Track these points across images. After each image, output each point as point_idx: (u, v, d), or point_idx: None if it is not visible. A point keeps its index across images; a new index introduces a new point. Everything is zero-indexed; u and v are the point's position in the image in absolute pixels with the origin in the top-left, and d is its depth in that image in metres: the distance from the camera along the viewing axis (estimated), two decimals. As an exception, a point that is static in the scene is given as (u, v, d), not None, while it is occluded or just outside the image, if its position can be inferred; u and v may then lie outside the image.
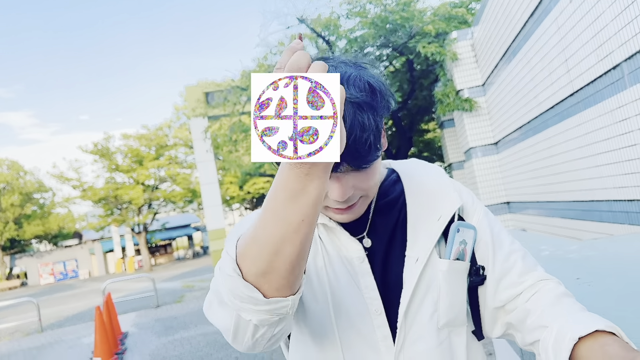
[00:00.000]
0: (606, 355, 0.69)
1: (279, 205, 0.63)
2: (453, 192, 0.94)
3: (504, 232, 0.96)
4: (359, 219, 0.93)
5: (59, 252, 36.32)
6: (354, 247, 0.90)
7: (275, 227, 0.64)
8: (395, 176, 1.01)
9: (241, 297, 0.68)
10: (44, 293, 24.02)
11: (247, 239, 0.68)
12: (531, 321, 0.85)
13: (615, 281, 1.35)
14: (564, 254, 1.89)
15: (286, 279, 0.67)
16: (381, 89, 0.83)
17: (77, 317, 12.29)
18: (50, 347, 8.57)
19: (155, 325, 8.93)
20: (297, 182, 0.61)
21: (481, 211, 0.96)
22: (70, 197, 29.48)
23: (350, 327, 0.88)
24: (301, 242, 0.65)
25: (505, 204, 9.44)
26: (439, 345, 0.87)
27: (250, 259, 0.67)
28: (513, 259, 0.92)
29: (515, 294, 0.89)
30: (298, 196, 0.62)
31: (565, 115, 5.90)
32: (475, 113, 9.47)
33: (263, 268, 0.66)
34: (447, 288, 0.88)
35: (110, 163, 27.91)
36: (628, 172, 4.68)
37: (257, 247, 0.66)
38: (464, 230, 0.90)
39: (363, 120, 0.78)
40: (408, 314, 0.87)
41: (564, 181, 6.41)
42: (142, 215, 28.80)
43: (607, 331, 0.73)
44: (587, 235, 5.88)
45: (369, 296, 0.88)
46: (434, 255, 0.90)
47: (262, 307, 0.68)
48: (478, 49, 9.32)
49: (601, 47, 4.68)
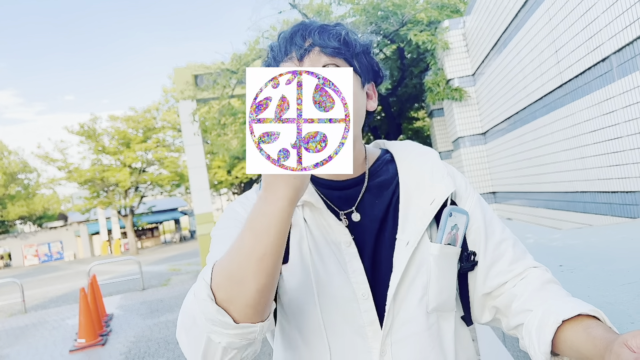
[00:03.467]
0: (589, 337, 0.70)
1: (246, 236, 0.69)
2: (447, 177, 0.93)
3: (496, 220, 0.96)
4: (350, 197, 0.92)
5: (44, 233, 35.96)
6: (340, 231, 0.89)
7: (240, 260, 0.70)
8: (389, 157, 0.99)
9: (213, 321, 0.71)
10: (28, 274, 23.83)
11: (219, 267, 0.73)
12: (516, 305, 0.86)
13: (597, 269, 1.37)
14: (547, 242, 1.92)
15: (253, 307, 0.71)
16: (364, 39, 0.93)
17: (62, 299, 12.23)
18: (34, 327, 8.54)
19: (140, 308, 8.93)
20: (263, 217, 0.68)
21: (474, 197, 0.96)
22: (56, 178, 29.15)
23: (336, 312, 0.86)
24: (266, 276, 0.70)
25: (491, 193, 9.53)
26: (427, 329, 0.87)
27: (221, 286, 0.71)
28: (504, 246, 0.92)
29: (504, 281, 0.90)
30: (263, 234, 0.68)
31: (554, 106, 5.95)
32: (465, 103, 9.50)
33: (231, 296, 0.71)
34: (437, 272, 0.87)
35: (97, 145, 27.55)
36: (612, 165, 4.74)
37: (226, 277, 0.71)
38: (457, 215, 0.90)
39: (339, 26, 0.89)
40: (397, 298, 0.86)
41: (549, 172, 6.48)
42: (128, 198, 28.57)
43: (590, 315, 0.74)
44: (570, 226, 5.97)
45: (356, 280, 0.86)
46: (425, 239, 0.89)
47: (232, 331, 0.71)
48: (469, 38, 9.31)
49: (591, 39, 4.71)
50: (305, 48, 0.86)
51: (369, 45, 0.93)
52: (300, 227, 0.90)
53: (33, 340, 7.46)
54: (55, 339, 7.25)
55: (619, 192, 4.74)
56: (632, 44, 4.06)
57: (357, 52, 0.89)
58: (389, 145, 1.03)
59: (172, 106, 26.12)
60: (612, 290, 1.13)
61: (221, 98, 13.31)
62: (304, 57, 0.86)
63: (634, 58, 4.06)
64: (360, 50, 0.90)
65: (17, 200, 34.21)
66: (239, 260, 0.70)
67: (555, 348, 0.76)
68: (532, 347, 0.79)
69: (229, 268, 0.71)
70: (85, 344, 6.39)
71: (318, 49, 0.86)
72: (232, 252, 0.72)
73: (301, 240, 0.90)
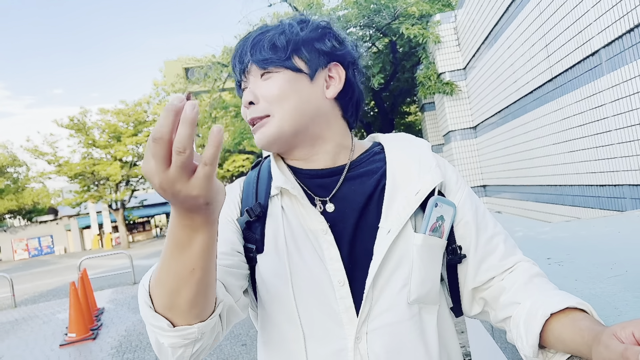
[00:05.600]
0: (577, 329, 0.71)
1: (168, 255, 0.68)
2: (435, 168, 0.92)
3: (488, 214, 0.95)
4: (327, 185, 0.92)
5: (34, 227, 35.69)
6: (316, 219, 0.88)
7: (169, 274, 0.69)
8: (379, 148, 0.99)
9: (153, 325, 0.73)
10: (18, 269, 23.65)
11: (154, 276, 0.72)
12: (504, 298, 0.87)
13: (585, 262, 1.39)
14: (536, 235, 1.94)
15: (189, 312, 0.72)
16: (315, 27, 0.93)
17: (52, 293, 12.16)
18: (24, 322, 8.49)
19: (131, 302, 8.90)
20: (182, 232, 0.65)
21: (465, 191, 0.94)
22: (45, 172, 28.84)
23: (311, 299, 0.87)
24: (197, 284, 0.69)
25: (481, 187, 9.59)
26: (409, 319, 0.87)
27: (156, 294, 0.72)
28: (495, 241, 0.92)
29: (494, 275, 0.90)
30: (185, 248, 0.66)
31: (543, 100, 5.98)
32: (456, 97, 9.53)
33: (166, 304, 0.71)
34: (420, 263, 0.86)
35: (87, 138, 27.32)
36: (601, 158, 4.79)
37: (159, 286, 0.71)
38: (443, 205, 0.89)
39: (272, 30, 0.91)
40: (376, 286, 0.86)
41: (538, 166, 6.53)
42: (119, 192, 28.40)
43: (578, 308, 0.75)
44: (559, 219, 6.03)
45: (332, 267, 0.86)
46: (408, 229, 0.88)
47: (170, 333, 0.72)
48: (461, 32, 9.33)
49: (581, 33, 4.73)
50: (245, 64, 0.92)
51: (319, 29, 0.93)
52: (277, 216, 0.90)
53: (23, 334, 7.41)
54: (46, 334, 7.21)
55: (607, 186, 4.78)
56: (621, 39, 4.09)
57: (297, 47, 0.89)
58: (381, 137, 1.02)
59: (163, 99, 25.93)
60: (599, 282, 1.14)
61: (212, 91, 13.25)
62: (245, 74, 0.93)
63: (623, 52, 4.09)
64: (301, 43, 0.90)
65: (6, 194, 33.88)
66: (167, 273, 0.69)
67: (542, 341, 0.77)
68: (520, 340, 0.79)
69: (162, 280, 0.70)
70: (76, 338, 6.36)
71: (254, 64, 0.91)
72: (160, 264, 0.71)
73: (277, 228, 0.89)
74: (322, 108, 0.92)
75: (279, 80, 0.88)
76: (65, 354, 5.89)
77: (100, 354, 5.67)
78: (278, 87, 0.87)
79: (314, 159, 0.94)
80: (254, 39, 0.91)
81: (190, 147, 0.56)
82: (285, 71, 0.88)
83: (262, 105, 0.89)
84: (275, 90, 0.87)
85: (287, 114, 0.87)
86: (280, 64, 0.88)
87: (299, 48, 0.89)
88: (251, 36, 0.92)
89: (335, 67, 0.93)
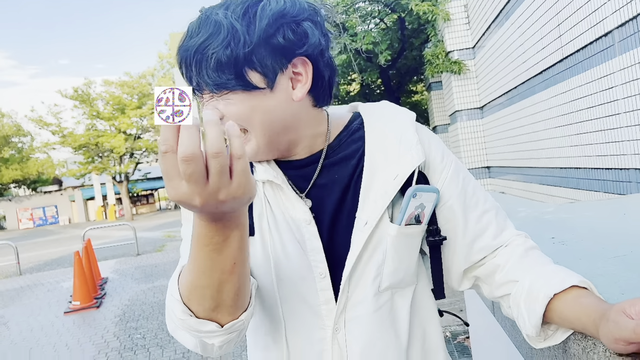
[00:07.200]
0: (581, 307, 0.70)
1: (206, 257, 0.65)
2: (416, 146, 0.85)
3: (478, 190, 0.90)
4: (307, 175, 0.87)
5: (38, 197, 35.98)
6: (300, 209, 0.85)
7: (210, 275, 0.67)
8: (358, 123, 0.91)
9: (198, 331, 0.72)
10: (23, 237, 23.93)
11: (188, 284, 0.71)
12: (500, 276, 0.85)
13: (589, 242, 1.38)
14: (540, 215, 1.93)
15: (234, 306, 0.72)
16: (265, 22, 0.75)
17: (57, 262, 12.33)
18: (29, 289, 8.62)
19: (135, 273, 9.02)
20: (218, 235, 0.63)
21: (450, 169, 0.88)
22: (50, 143, 28.91)
23: (293, 290, 0.86)
24: (239, 277, 0.69)
25: (485, 168, 9.56)
26: (377, 310, 0.85)
27: (195, 301, 0.71)
28: (487, 219, 0.88)
29: (487, 254, 0.88)
30: (222, 247, 0.64)
31: (553, 81, 5.90)
32: (464, 76, 9.41)
33: (211, 305, 0.70)
34: (393, 253, 0.84)
35: (91, 110, 27.28)
36: (608, 141, 4.75)
37: (199, 291, 0.69)
38: (423, 194, 0.83)
39: (212, 39, 0.74)
40: (352, 278, 0.84)
41: (544, 148, 6.49)
42: (123, 164, 28.48)
43: (579, 286, 0.74)
44: (563, 202, 6.02)
45: (315, 259, 0.84)
46: (384, 218, 0.84)
47: (221, 332, 0.73)
48: (471, 10, 9.16)
49: (594, 12, 4.64)
50: (194, 83, 0.79)
51: (271, 19, 0.75)
52: (261, 202, 0.87)
53: (28, 301, 7.54)
54: (50, 301, 7.33)
55: (613, 169, 4.76)
56: (636, 19, 4.00)
57: (247, 58, 0.75)
58: (362, 108, 0.94)
59: (167, 72, 25.78)
60: (602, 262, 1.14)
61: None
62: (200, 90, 0.80)
63: (637, 33, 4.01)
64: (250, 53, 0.75)
65: (11, 164, 34.07)
66: (207, 275, 0.68)
67: (545, 318, 0.76)
68: (522, 319, 0.79)
69: (202, 284, 0.69)
70: (80, 306, 6.47)
71: None
72: (196, 268, 0.68)
73: (261, 216, 0.86)
74: (291, 112, 0.81)
75: (236, 102, 0.77)
76: (69, 321, 6.00)
77: (104, 322, 5.77)
78: (237, 110, 0.77)
79: (292, 154, 0.88)
80: (196, 54, 0.76)
81: (224, 146, 0.54)
82: (239, 92, 0.76)
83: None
84: (235, 112, 0.77)
85: (259, 131, 0.80)
86: (231, 87, 0.76)
87: (249, 59, 0.75)
88: (191, 46, 0.76)
89: (299, 62, 0.79)
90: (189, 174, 0.53)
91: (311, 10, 0.80)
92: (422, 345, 0.91)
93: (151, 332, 5.17)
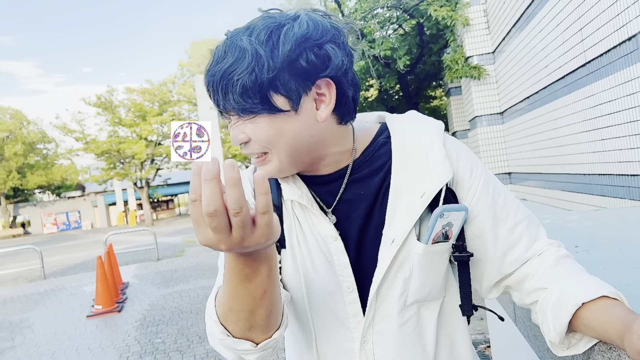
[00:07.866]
0: (609, 317, 0.69)
1: (239, 286, 0.70)
2: (444, 162, 0.83)
3: (509, 201, 0.88)
4: (333, 191, 0.89)
5: (62, 203, 36.69)
6: (326, 225, 0.87)
7: (242, 301, 0.72)
8: (385, 137, 0.91)
9: (236, 350, 0.78)
10: (47, 242, 24.41)
11: (223, 306, 0.76)
12: (530, 284, 0.84)
13: (614, 250, 1.36)
14: (563, 222, 1.90)
15: (267, 326, 0.76)
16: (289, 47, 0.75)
17: (80, 266, 12.54)
18: (53, 293, 8.78)
19: (155, 277, 9.11)
20: (247, 267, 0.67)
21: (480, 182, 0.86)
22: (73, 149, 29.52)
23: (322, 303, 0.89)
24: (270, 302, 0.73)
25: (506, 174, 9.44)
26: (403, 324, 0.87)
27: (231, 322, 0.76)
28: (518, 231, 0.87)
29: (519, 266, 0.87)
30: (252, 278, 0.68)
31: (575, 86, 5.81)
32: (483, 81, 9.33)
33: (245, 326, 0.75)
34: (419, 270, 0.85)
35: (114, 117, 27.79)
36: (632, 147, 4.65)
37: (234, 314, 0.74)
38: (450, 214, 0.81)
39: (237, 65, 0.75)
40: (379, 293, 0.86)
41: (566, 154, 6.38)
42: (144, 170, 28.90)
43: (609, 297, 0.72)
44: (586, 209, 5.90)
45: (342, 274, 0.86)
46: (411, 236, 0.84)
47: (256, 349, 0.78)
48: (490, 14, 9.09)
49: (618, 16, 4.56)
50: (221, 107, 0.81)
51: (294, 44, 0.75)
52: (291, 219, 0.90)
53: (52, 305, 7.68)
54: (73, 305, 7.46)
55: (638, 175, 4.65)
56: (661, 23, 3.92)
57: (272, 82, 0.75)
58: (389, 120, 0.94)
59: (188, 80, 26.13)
60: (629, 272, 1.12)
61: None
62: (227, 114, 0.82)
63: (662, 37, 3.93)
64: (275, 77, 0.75)
65: (36, 170, 34.90)
66: (240, 301, 0.72)
67: (570, 326, 0.75)
68: (547, 326, 0.78)
69: (236, 307, 0.73)
70: (102, 310, 6.57)
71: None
72: (230, 293, 0.72)
73: (291, 232, 0.90)
74: (316, 133, 0.82)
75: (263, 124, 0.78)
76: (92, 325, 6.09)
77: (125, 326, 5.84)
78: (264, 131, 0.79)
79: (317, 170, 0.89)
80: (222, 79, 0.77)
81: (246, 205, 0.56)
82: (265, 115, 0.78)
83: (255, 146, 0.81)
84: (262, 135, 0.79)
85: (283, 152, 0.81)
86: (257, 111, 0.77)
87: (273, 83, 0.75)
88: (217, 72, 0.77)
89: (323, 84, 0.80)
90: (213, 226, 0.56)
91: (334, 31, 0.80)
92: (449, 354, 0.92)
93: (171, 337, 5.22)
